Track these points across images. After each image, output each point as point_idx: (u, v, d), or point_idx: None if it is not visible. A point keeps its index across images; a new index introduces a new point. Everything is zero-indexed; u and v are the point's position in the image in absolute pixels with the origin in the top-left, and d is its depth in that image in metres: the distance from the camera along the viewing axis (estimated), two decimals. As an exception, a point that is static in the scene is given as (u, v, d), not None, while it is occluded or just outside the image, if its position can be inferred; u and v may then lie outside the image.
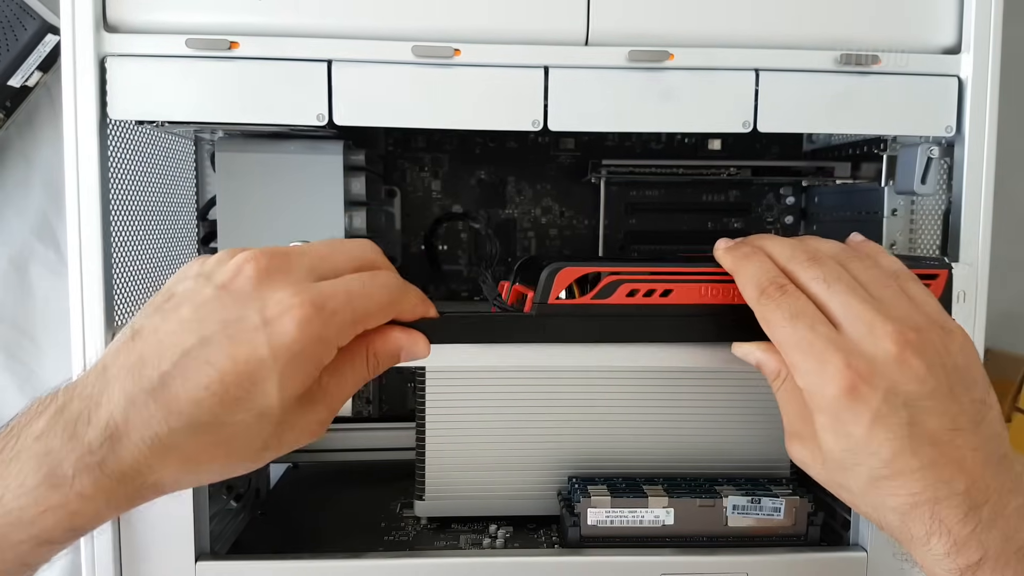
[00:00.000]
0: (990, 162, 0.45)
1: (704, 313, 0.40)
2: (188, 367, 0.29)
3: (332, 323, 0.31)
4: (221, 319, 0.30)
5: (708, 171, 0.55)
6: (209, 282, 0.31)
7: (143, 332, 0.31)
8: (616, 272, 0.40)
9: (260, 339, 0.30)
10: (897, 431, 0.32)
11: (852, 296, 0.34)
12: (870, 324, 0.33)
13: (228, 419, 0.30)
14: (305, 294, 0.31)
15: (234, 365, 0.29)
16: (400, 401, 0.64)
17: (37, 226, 0.68)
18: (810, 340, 0.33)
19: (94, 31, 0.42)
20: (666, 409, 0.53)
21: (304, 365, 0.31)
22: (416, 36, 0.43)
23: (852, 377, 0.32)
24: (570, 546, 0.48)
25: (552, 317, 0.39)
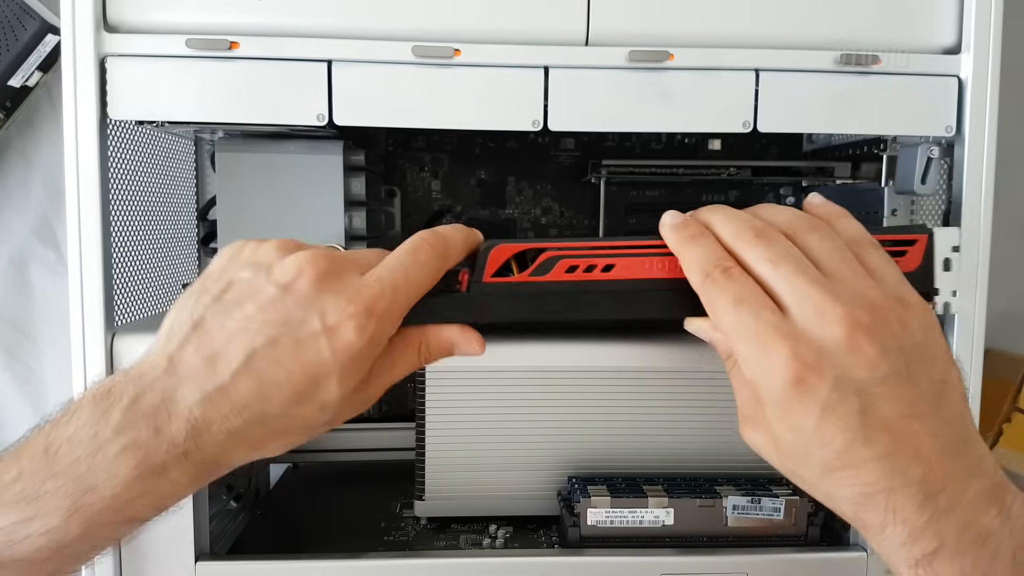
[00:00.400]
0: (990, 162, 0.45)
1: (649, 288, 0.38)
2: (258, 367, 0.32)
3: (385, 322, 0.33)
4: (285, 321, 0.32)
5: (708, 171, 0.55)
6: (269, 279, 0.33)
7: (207, 325, 0.32)
8: (554, 248, 0.38)
9: (323, 344, 0.32)
10: (848, 421, 0.30)
11: (800, 277, 0.32)
12: (819, 307, 0.31)
13: (294, 412, 0.32)
14: (360, 302, 0.32)
15: (301, 367, 0.32)
16: (400, 401, 0.65)
17: (37, 226, 0.68)
18: (755, 328, 0.31)
19: (94, 31, 0.42)
20: (666, 409, 0.53)
21: (361, 364, 0.33)
22: (416, 36, 0.43)
23: (799, 367, 0.30)
24: (570, 546, 0.48)
25: (486, 296, 0.38)
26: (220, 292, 0.33)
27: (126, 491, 0.31)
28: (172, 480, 0.31)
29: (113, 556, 0.43)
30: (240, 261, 0.34)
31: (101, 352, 0.43)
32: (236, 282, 0.33)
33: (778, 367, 0.31)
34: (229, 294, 0.33)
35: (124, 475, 0.30)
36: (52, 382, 0.70)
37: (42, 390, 0.70)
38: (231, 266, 0.34)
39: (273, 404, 0.32)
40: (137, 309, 0.49)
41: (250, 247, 0.35)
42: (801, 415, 0.31)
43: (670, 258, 0.37)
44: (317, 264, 0.33)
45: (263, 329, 0.32)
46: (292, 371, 0.32)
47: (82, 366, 0.43)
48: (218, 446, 0.32)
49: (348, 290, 0.33)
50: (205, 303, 0.33)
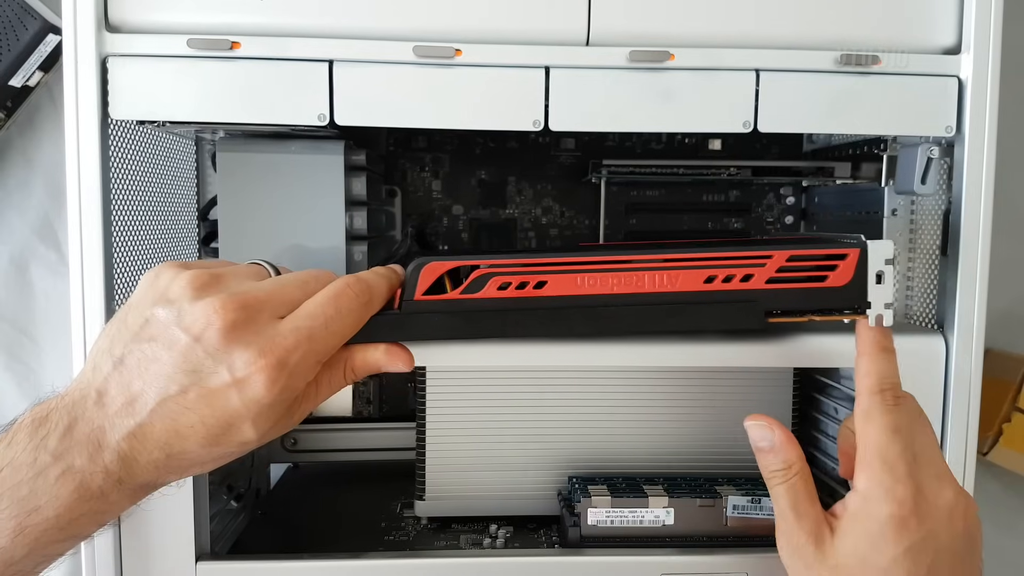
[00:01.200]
0: (990, 162, 0.45)
1: (581, 305, 0.38)
2: (171, 411, 0.33)
3: (298, 373, 0.34)
4: (195, 370, 0.33)
5: (708, 171, 0.55)
6: (179, 324, 0.34)
7: (126, 364, 0.34)
8: (487, 264, 0.38)
9: (232, 395, 0.33)
10: (918, 569, 0.36)
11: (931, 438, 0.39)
12: (939, 474, 0.38)
13: (212, 450, 0.34)
14: (271, 354, 0.33)
15: (212, 412, 0.33)
16: (400, 401, 0.65)
17: (38, 226, 0.68)
18: (896, 457, 0.37)
19: (95, 31, 0.42)
20: (666, 409, 0.53)
21: (275, 410, 0.34)
22: (417, 36, 0.43)
23: (908, 512, 0.36)
24: (570, 546, 0.48)
25: (417, 314, 0.38)
26: (138, 329, 0.34)
27: (68, 512, 0.33)
28: (111, 501, 0.34)
29: (114, 555, 0.43)
30: (154, 294, 0.35)
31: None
32: (151, 321, 0.34)
33: (896, 499, 0.36)
34: (145, 332, 0.34)
35: (65, 497, 0.32)
36: (52, 382, 0.69)
37: (42, 390, 0.69)
38: (146, 298, 0.35)
39: (190, 442, 0.34)
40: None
41: (165, 278, 0.35)
42: (887, 545, 0.36)
43: (603, 275, 0.38)
44: (226, 314, 0.33)
45: (175, 376, 0.33)
46: (204, 416, 0.33)
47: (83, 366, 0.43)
48: (148, 474, 0.34)
49: (260, 340, 0.33)
50: (125, 340, 0.34)
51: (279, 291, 0.36)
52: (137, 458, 0.33)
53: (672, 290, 0.39)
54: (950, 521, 0.37)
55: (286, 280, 0.37)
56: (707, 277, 0.39)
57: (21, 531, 0.32)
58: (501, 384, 0.52)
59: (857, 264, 0.39)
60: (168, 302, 0.34)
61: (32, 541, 0.32)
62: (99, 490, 0.33)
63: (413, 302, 0.38)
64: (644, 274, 0.39)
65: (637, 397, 0.53)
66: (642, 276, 0.39)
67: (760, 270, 0.39)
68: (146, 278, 0.36)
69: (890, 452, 0.37)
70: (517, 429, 0.52)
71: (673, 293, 0.39)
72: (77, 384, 0.35)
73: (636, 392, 0.53)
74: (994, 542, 0.74)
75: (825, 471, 0.55)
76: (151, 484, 0.35)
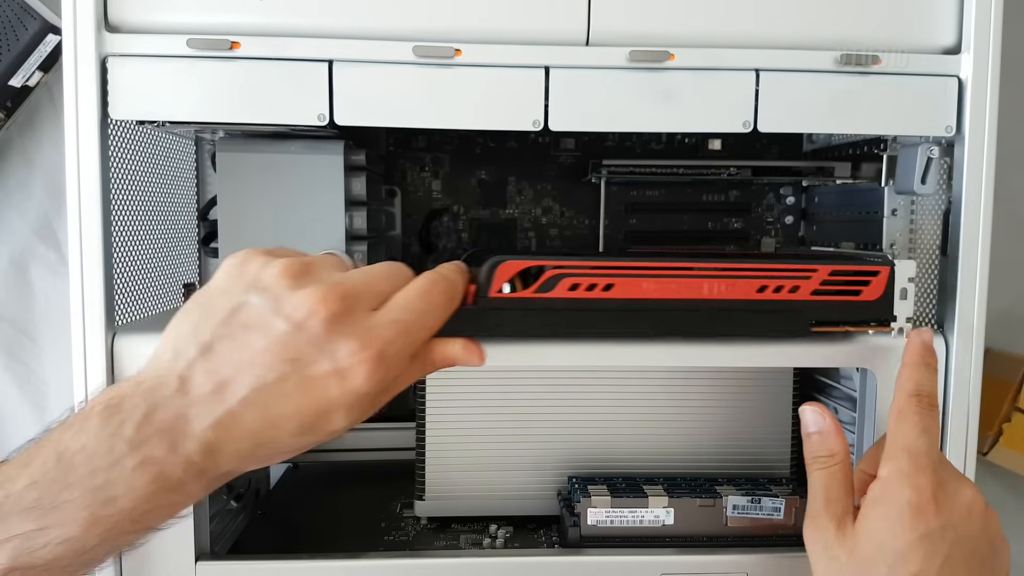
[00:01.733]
0: (990, 162, 0.45)
1: (645, 308, 0.41)
2: (267, 399, 0.32)
3: (394, 365, 0.34)
4: (296, 358, 0.33)
5: (708, 171, 0.55)
6: (279, 313, 0.33)
7: (216, 350, 0.33)
8: (558, 266, 0.40)
9: (332, 384, 0.33)
10: (933, 558, 0.36)
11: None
12: (959, 478, 0.39)
13: (303, 438, 0.33)
14: (372, 346, 0.33)
15: (309, 402, 0.33)
16: (400, 401, 0.64)
17: (38, 226, 0.68)
18: (922, 453, 0.38)
19: (95, 31, 0.42)
20: (666, 409, 0.53)
21: (368, 401, 0.34)
22: (417, 36, 0.43)
23: (927, 500, 0.37)
24: (570, 546, 0.48)
25: (492, 310, 0.40)
26: (227, 315, 0.33)
27: (144, 503, 0.31)
28: (188, 493, 0.32)
29: (114, 556, 0.43)
30: (245, 281, 0.34)
31: (102, 352, 0.43)
32: (243, 307, 0.33)
33: (916, 487, 0.37)
34: (237, 319, 0.33)
35: (142, 488, 0.31)
36: (52, 382, 0.69)
37: (42, 390, 0.70)
38: (235, 285, 0.34)
39: (281, 431, 0.33)
40: (138, 309, 0.49)
41: (255, 265, 0.34)
42: (906, 529, 0.37)
43: (664, 280, 0.41)
44: (329, 305, 0.33)
45: (273, 365, 0.32)
46: (300, 405, 0.33)
47: (83, 366, 0.43)
48: (231, 463, 0.33)
49: (360, 332, 0.33)
50: (212, 326, 0.33)
51: (372, 283, 0.35)
52: (223, 448, 0.32)
53: (728, 297, 0.41)
54: (968, 517, 0.37)
55: (373, 272, 0.36)
56: (759, 287, 0.42)
57: (95, 521, 0.31)
58: (501, 384, 0.52)
59: (887, 280, 0.43)
60: (263, 289, 0.33)
61: (105, 532, 0.31)
62: (178, 481, 0.32)
63: (488, 299, 0.40)
64: (703, 281, 0.41)
65: (637, 397, 0.53)
66: (701, 283, 0.41)
67: (806, 282, 0.42)
68: (230, 264, 0.35)
69: (916, 446, 0.38)
70: (517, 429, 0.52)
71: (728, 300, 0.41)
72: (152, 370, 0.33)
73: (636, 392, 0.53)
74: (994, 542, 0.74)
75: (825, 471, 0.55)
76: (230, 474, 0.34)
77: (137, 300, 0.49)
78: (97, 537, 0.31)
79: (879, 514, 0.37)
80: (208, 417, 0.32)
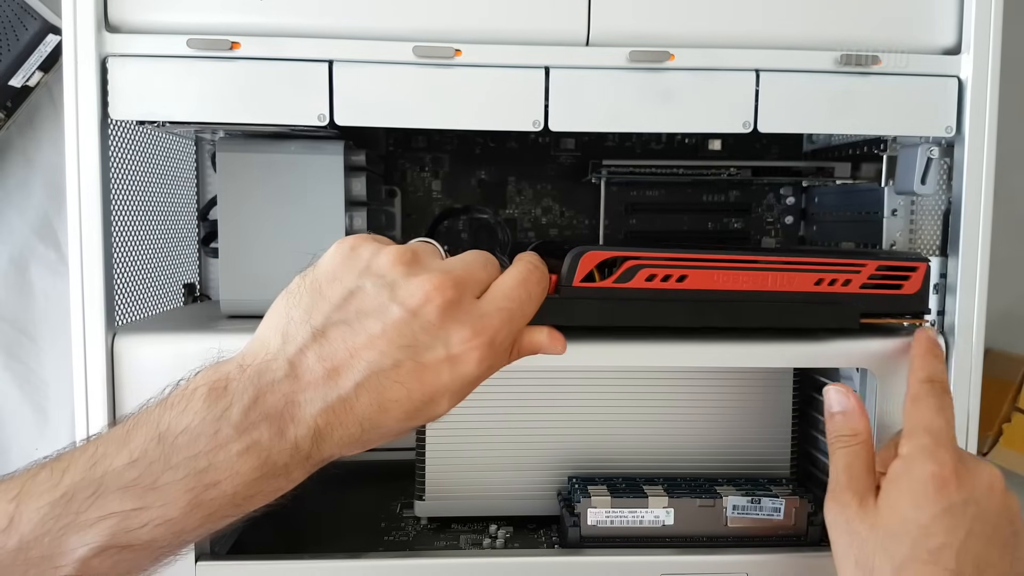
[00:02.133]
0: (990, 162, 0.45)
1: (716, 299, 0.43)
2: (381, 384, 0.32)
3: (500, 352, 0.35)
4: (411, 344, 0.33)
5: (708, 171, 0.55)
6: (394, 299, 0.33)
7: (329, 336, 0.33)
8: (636, 257, 0.42)
9: (444, 370, 0.33)
10: (956, 531, 0.37)
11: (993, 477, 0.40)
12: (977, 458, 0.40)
13: (406, 424, 0.34)
14: (484, 333, 0.34)
15: (421, 388, 0.33)
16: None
17: (38, 226, 0.68)
18: (941, 429, 0.39)
19: (95, 31, 0.42)
20: (666, 409, 0.53)
21: (474, 386, 0.35)
22: (417, 36, 0.43)
23: (949, 473, 0.38)
24: (570, 546, 0.48)
25: (578, 299, 0.41)
26: (340, 301, 0.33)
27: (247, 488, 0.31)
28: (292, 478, 0.33)
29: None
30: (357, 267, 0.34)
31: (101, 352, 0.43)
32: (357, 293, 0.33)
33: (937, 462, 0.38)
34: (351, 305, 0.33)
35: (246, 474, 0.31)
36: (52, 382, 0.69)
37: (42, 390, 0.70)
38: (347, 271, 0.34)
39: (390, 417, 0.33)
40: (138, 309, 0.49)
41: (367, 252, 0.35)
42: (928, 503, 0.37)
43: (736, 272, 0.43)
44: (444, 292, 0.33)
45: (388, 351, 0.32)
46: (412, 390, 0.33)
47: (82, 366, 0.43)
48: (336, 449, 0.33)
49: (471, 320, 0.34)
50: (324, 310, 0.33)
51: (474, 272, 0.36)
52: (332, 433, 0.32)
53: (789, 290, 0.43)
54: (990, 493, 0.38)
55: (471, 261, 0.37)
56: (816, 280, 0.43)
57: (196, 505, 0.31)
58: (501, 384, 0.52)
59: (924, 275, 0.44)
60: (378, 276, 0.34)
61: (205, 516, 0.31)
62: (284, 467, 0.32)
63: (571, 288, 0.41)
64: (768, 274, 0.43)
65: (637, 397, 0.53)
66: (767, 276, 0.43)
67: (856, 276, 0.44)
68: (339, 250, 0.35)
69: (935, 424, 0.39)
70: (517, 429, 0.52)
71: (790, 292, 0.43)
72: (260, 353, 0.33)
73: (636, 392, 0.53)
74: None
75: (825, 471, 0.55)
76: (331, 458, 0.33)
77: (137, 300, 0.49)
78: (197, 520, 0.31)
79: (902, 489, 0.38)
80: (319, 402, 0.32)
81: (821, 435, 0.56)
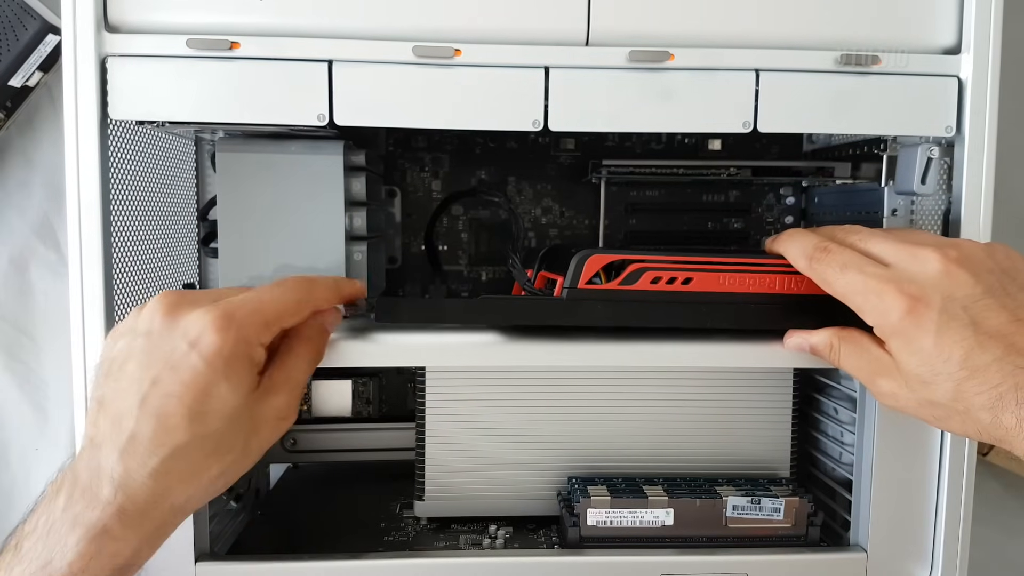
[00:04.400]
0: (990, 162, 0.45)
1: (722, 301, 0.43)
2: (152, 405, 0.35)
3: (247, 325, 0.36)
4: (159, 358, 0.35)
5: (708, 171, 0.55)
6: (136, 334, 0.37)
7: (106, 398, 0.36)
8: (641, 260, 0.43)
9: (194, 358, 0.35)
10: (962, 332, 0.35)
11: (889, 239, 0.39)
12: (912, 252, 0.37)
13: (204, 432, 0.35)
14: (214, 310, 0.36)
15: (185, 387, 0.35)
16: (400, 401, 0.64)
17: (38, 226, 0.68)
18: (863, 281, 0.37)
19: (95, 31, 0.42)
20: (666, 409, 0.53)
21: (239, 363, 0.36)
22: (417, 36, 0.43)
23: (907, 300, 0.36)
24: (570, 546, 0.48)
25: (582, 301, 0.42)
26: (107, 369, 0.37)
27: (79, 558, 0.34)
28: (114, 536, 0.34)
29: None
30: (116, 337, 0.38)
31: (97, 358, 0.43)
32: (115, 354, 0.37)
33: (891, 304, 0.36)
34: (113, 365, 0.37)
35: (72, 545, 0.34)
36: (52, 382, 0.69)
37: (43, 390, 0.70)
38: (110, 348, 0.38)
39: (180, 431, 0.35)
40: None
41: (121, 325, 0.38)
42: (921, 338, 0.36)
43: (742, 275, 0.43)
44: (165, 299, 0.37)
45: (145, 374, 0.35)
46: (180, 394, 0.35)
47: (82, 366, 0.43)
48: (148, 488, 0.35)
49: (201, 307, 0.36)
50: (101, 383, 0.37)
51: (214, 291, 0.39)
52: (133, 476, 0.34)
53: (796, 292, 0.43)
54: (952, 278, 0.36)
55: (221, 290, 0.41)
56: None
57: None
58: (501, 384, 0.52)
59: None
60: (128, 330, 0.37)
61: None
62: (102, 528, 0.34)
63: (577, 289, 0.42)
64: (776, 277, 0.43)
65: (637, 397, 0.53)
66: (774, 279, 0.43)
67: None
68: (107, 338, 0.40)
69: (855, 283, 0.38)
70: (517, 429, 0.52)
71: (796, 295, 0.43)
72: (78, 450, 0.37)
73: (636, 392, 0.53)
74: (994, 542, 0.74)
75: (825, 471, 0.55)
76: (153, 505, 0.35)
77: (137, 300, 0.49)
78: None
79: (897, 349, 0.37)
80: (113, 453, 0.34)
81: (821, 435, 0.56)
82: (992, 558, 0.74)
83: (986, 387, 0.34)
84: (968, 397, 0.35)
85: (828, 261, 0.39)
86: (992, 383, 0.34)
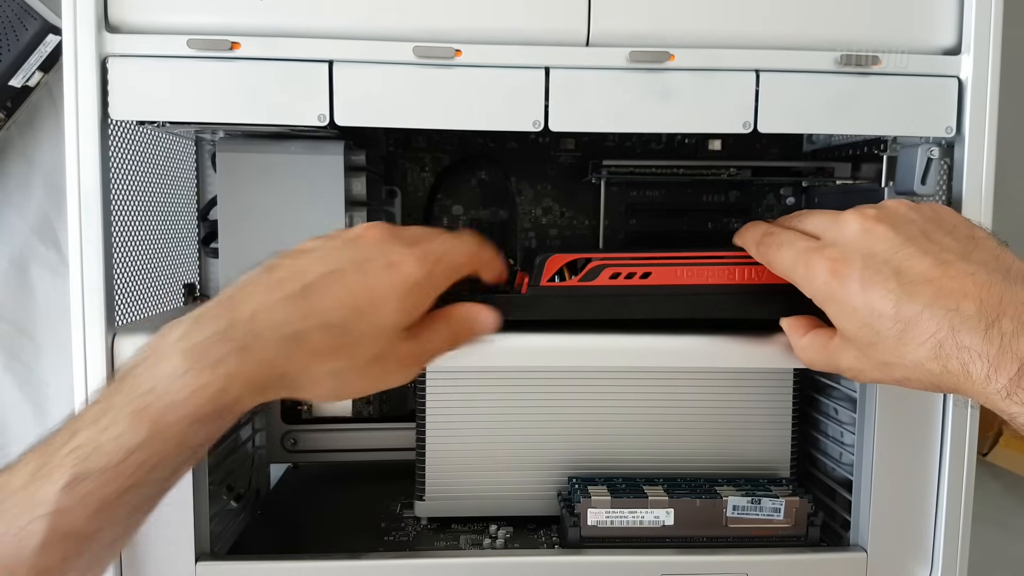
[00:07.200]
0: (990, 163, 0.45)
1: (681, 292, 0.44)
2: (327, 283, 0.36)
3: (437, 270, 0.38)
4: (351, 258, 0.37)
5: (708, 172, 0.55)
6: (336, 238, 0.39)
7: (279, 266, 0.37)
8: (600, 258, 0.44)
9: (385, 275, 0.37)
10: (887, 285, 0.35)
11: (821, 213, 0.40)
12: (835, 219, 0.39)
13: (351, 327, 0.36)
14: (418, 249, 0.38)
15: (364, 288, 0.36)
16: (400, 401, 0.65)
17: (38, 226, 0.68)
18: (794, 255, 0.39)
19: (96, 31, 0.42)
20: (666, 409, 0.53)
21: (416, 298, 0.37)
22: (417, 36, 0.43)
23: (829, 263, 0.37)
24: (570, 546, 0.48)
25: (543, 297, 0.44)
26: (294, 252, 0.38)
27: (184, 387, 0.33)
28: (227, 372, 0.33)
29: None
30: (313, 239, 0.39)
31: (102, 352, 0.43)
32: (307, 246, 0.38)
33: (817, 270, 0.37)
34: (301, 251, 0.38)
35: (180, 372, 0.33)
36: (53, 382, 0.70)
37: (43, 390, 0.70)
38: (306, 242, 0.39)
39: (335, 314, 0.35)
40: (138, 309, 0.49)
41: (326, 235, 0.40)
42: (848, 297, 0.36)
43: (699, 268, 0.44)
44: (382, 225, 0.39)
45: (331, 262, 0.36)
46: (356, 290, 0.36)
47: (83, 366, 0.43)
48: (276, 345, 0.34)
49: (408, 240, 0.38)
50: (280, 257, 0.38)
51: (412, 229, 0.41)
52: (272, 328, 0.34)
53: (758, 282, 0.44)
54: (870, 234, 0.37)
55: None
56: None
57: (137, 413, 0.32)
58: (501, 384, 0.52)
59: None
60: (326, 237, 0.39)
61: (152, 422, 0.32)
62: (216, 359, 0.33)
63: (540, 287, 0.44)
64: (736, 268, 0.44)
65: (637, 397, 0.53)
66: (734, 270, 0.44)
67: None
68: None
69: (788, 259, 0.39)
70: (517, 429, 0.52)
71: (759, 285, 0.44)
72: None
73: (636, 392, 0.53)
74: (994, 542, 0.74)
75: (825, 471, 0.55)
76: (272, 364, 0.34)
77: (137, 300, 0.49)
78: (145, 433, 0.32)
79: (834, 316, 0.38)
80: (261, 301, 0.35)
81: (821, 435, 0.56)
82: (992, 558, 0.74)
83: (924, 336, 0.33)
84: (912, 350, 0.34)
85: (769, 243, 0.41)
86: (929, 332, 0.33)
